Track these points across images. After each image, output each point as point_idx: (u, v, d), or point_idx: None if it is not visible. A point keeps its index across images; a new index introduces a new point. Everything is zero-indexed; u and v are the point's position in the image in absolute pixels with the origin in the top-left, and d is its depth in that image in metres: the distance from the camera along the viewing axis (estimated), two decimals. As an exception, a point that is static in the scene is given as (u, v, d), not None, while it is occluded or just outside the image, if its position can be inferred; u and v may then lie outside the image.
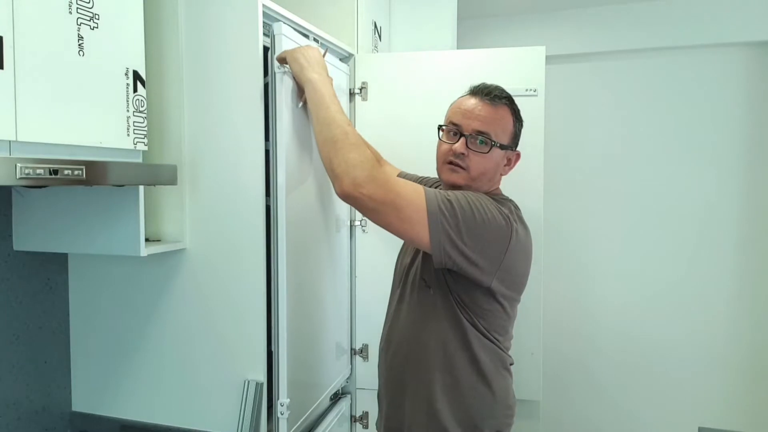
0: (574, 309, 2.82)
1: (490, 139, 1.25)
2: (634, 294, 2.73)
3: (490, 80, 1.69)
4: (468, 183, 1.27)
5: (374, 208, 1.11)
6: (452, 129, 1.29)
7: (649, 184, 2.70)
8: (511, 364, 1.35)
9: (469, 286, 1.22)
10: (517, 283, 1.28)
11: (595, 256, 2.78)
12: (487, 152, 1.25)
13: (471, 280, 1.20)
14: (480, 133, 1.25)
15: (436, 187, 1.45)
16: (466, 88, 1.40)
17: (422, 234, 1.13)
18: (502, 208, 1.22)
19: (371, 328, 1.84)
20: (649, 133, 2.70)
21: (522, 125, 1.35)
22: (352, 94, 1.80)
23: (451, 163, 1.27)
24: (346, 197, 1.13)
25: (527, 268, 1.30)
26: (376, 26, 2.03)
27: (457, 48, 2.22)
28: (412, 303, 1.33)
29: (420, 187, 1.16)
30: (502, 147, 1.28)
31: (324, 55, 1.43)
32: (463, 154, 1.25)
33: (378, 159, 1.65)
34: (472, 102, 1.29)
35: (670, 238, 2.69)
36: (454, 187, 1.28)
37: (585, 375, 2.80)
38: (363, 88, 1.80)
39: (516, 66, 1.71)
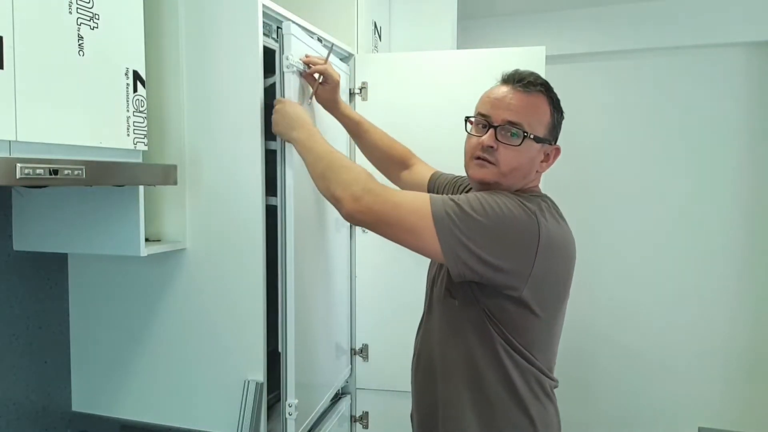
0: (573, 309, 2.80)
1: (523, 131, 1.10)
2: (634, 294, 2.73)
3: (489, 80, 1.69)
4: (498, 179, 1.13)
5: (377, 220, 1.07)
6: (481, 121, 1.15)
7: (649, 184, 2.70)
8: (554, 388, 1.19)
9: (498, 295, 1.07)
10: (557, 290, 1.11)
11: (595, 256, 2.78)
12: (519, 145, 1.10)
13: (499, 288, 1.06)
14: (511, 123, 1.11)
15: (467, 188, 1.35)
16: (465, 88, 1.38)
17: (432, 244, 1.03)
18: (528, 204, 1.06)
19: (371, 328, 1.84)
20: (650, 132, 2.69)
21: (563, 116, 1.19)
22: (352, 94, 1.80)
23: (479, 158, 1.14)
24: (351, 216, 1.09)
25: (568, 272, 1.12)
26: (376, 26, 2.03)
27: (457, 48, 2.23)
28: (439, 316, 1.20)
29: (425, 195, 1.07)
30: (537, 139, 1.12)
31: (328, 56, 1.42)
32: (491, 147, 1.11)
33: (405, 159, 1.55)
34: (503, 90, 1.14)
35: (670, 238, 2.69)
36: (482, 184, 1.15)
37: (585, 375, 2.80)
38: (363, 88, 1.80)
39: (516, 66, 1.70)
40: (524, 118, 1.11)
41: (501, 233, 1.03)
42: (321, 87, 1.41)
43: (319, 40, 1.56)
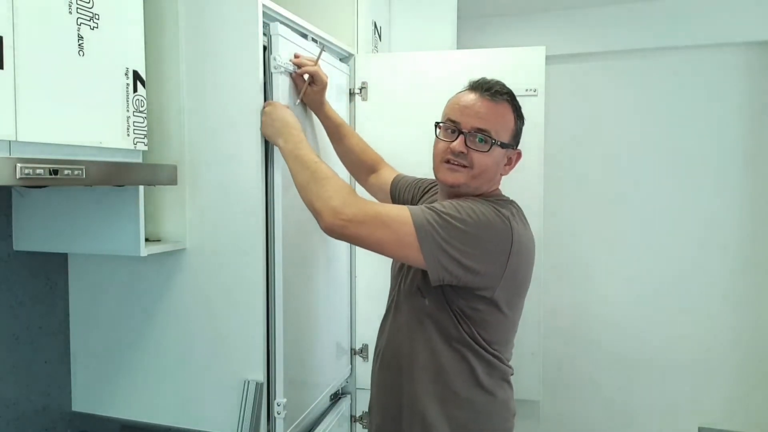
0: (574, 309, 2.82)
1: (490, 137, 1.17)
2: (634, 294, 2.73)
3: None
4: (468, 182, 1.19)
5: (359, 232, 1.09)
6: (450, 126, 1.21)
7: (649, 184, 2.70)
8: (511, 375, 1.28)
9: (471, 296, 1.15)
10: (521, 289, 1.22)
11: (595, 256, 2.78)
12: (488, 151, 1.18)
13: (473, 290, 1.14)
14: (479, 130, 1.18)
15: (431, 189, 1.44)
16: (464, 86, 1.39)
17: (414, 251, 1.07)
18: (502, 210, 1.15)
19: (371, 328, 1.83)
20: (649, 132, 2.70)
21: (523, 122, 1.27)
22: (352, 94, 1.80)
23: (449, 161, 1.20)
24: (331, 230, 1.10)
25: (529, 273, 1.23)
26: (376, 26, 2.03)
27: (457, 48, 2.22)
28: (407, 314, 1.26)
29: (403, 207, 1.12)
30: (502, 145, 1.20)
31: (319, 57, 1.43)
32: (462, 152, 1.18)
33: (375, 164, 1.61)
34: (472, 97, 1.21)
35: (670, 238, 2.69)
36: (453, 186, 1.21)
37: (585, 375, 2.80)
38: (363, 88, 1.80)
39: (516, 66, 1.71)
40: (492, 126, 1.18)
41: (479, 238, 1.10)
42: (309, 88, 1.42)
43: (314, 40, 1.56)
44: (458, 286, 1.13)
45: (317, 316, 1.59)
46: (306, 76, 1.40)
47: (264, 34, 1.30)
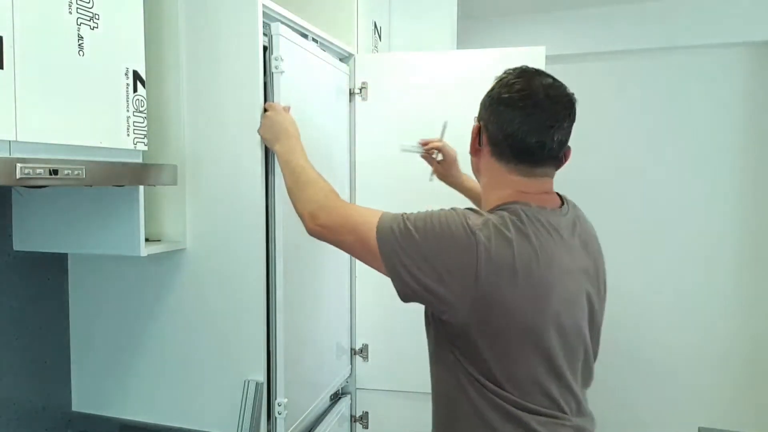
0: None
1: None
2: (635, 294, 2.73)
3: (489, 80, 1.68)
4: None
5: (333, 238, 1.08)
6: None
7: (649, 184, 2.70)
8: (547, 424, 0.98)
9: (449, 325, 1.00)
10: (515, 316, 0.94)
11: (595, 256, 2.78)
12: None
13: (439, 314, 1.00)
14: None
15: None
16: (465, 88, 1.38)
17: (378, 261, 0.99)
18: (473, 219, 0.96)
19: (371, 328, 1.84)
20: (649, 132, 2.70)
21: (498, 88, 1.05)
22: (351, 94, 1.80)
23: None
24: (311, 234, 1.11)
25: (527, 295, 0.94)
26: (376, 26, 2.03)
27: (457, 48, 2.22)
28: (428, 343, 1.12)
29: (377, 212, 1.02)
30: (475, 119, 1.09)
31: (443, 133, 1.45)
32: None
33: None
34: None
35: (670, 238, 2.69)
36: None
37: (585, 375, 2.80)
38: (363, 88, 1.80)
39: (516, 66, 1.70)
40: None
41: (438, 252, 0.94)
42: (439, 164, 1.45)
43: (314, 40, 1.56)
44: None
45: (317, 316, 1.59)
46: (435, 153, 1.43)
47: (264, 34, 1.30)
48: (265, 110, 1.29)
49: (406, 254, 0.95)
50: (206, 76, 1.31)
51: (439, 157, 1.51)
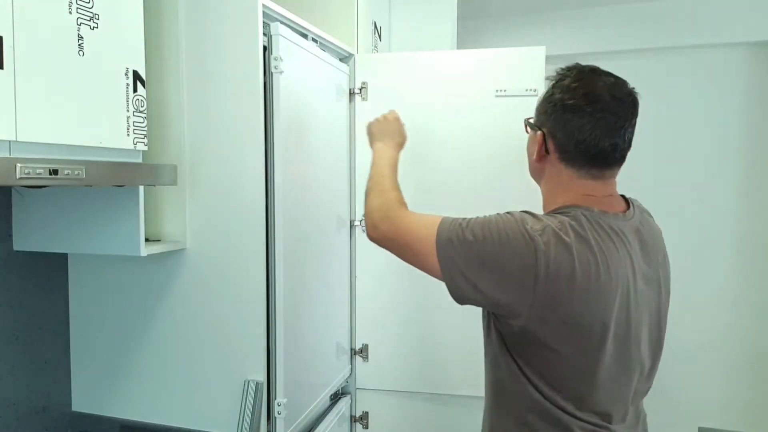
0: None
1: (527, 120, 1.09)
2: (634, 294, 2.73)
3: (489, 80, 1.69)
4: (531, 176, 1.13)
5: (391, 247, 1.10)
6: None
7: (649, 184, 2.70)
8: (593, 426, 0.98)
9: (504, 324, 1.00)
10: (578, 324, 0.93)
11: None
12: (527, 132, 1.10)
13: (501, 318, 1.00)
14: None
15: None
16: (465, 88, 1.39)
17: (435, 268, 0.99)
18: (531, 223, 0.94)
19: (371, 328, 1.84)
20: (649, 132, 2.69)
21: (560, 93, 1.01)
22: (351, 94, 1.80)
23: None
24: (371, 240, 1.14)
25: (585, 301, 0.93)
26: (376, 26, 2.03)
27: (457, 48, 2.22)
28: (485, 345, 1.12)
29: (437, 219, 1.02)
30: (529, 124, 1.08)
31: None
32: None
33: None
34: None
35: (670, 238, 2.68)
36: None
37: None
38: (363, 88, 1.80)
39: (516, 66, 1.71)
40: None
41: (493, 263, 0.94)
42: None
43: (314, 40, 1.56)
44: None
45: (317, 316, 1.59)
46: None
47: (264, 34, 1.30)
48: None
49: (464, 262, 0.96)
50: (206, 76, 1.31)
51: None
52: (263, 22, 1.28)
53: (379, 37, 2.07)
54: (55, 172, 0.88)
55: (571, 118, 0.98)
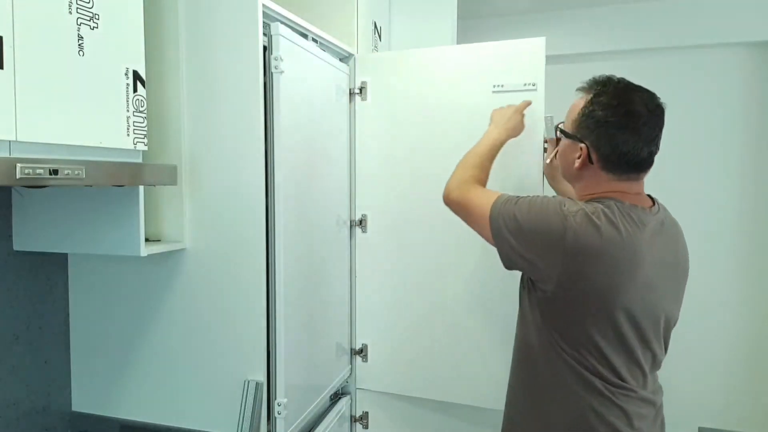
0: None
1: (560, 126, 1.25)
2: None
3: (487, 75, 1.66)
4: (563, 176, 1.30)
5: (457, 212, 1.31)
6: None
7: (649, 184, 2.70)
8: (618, 393, 1.12)
9: (538, 289, 1.16)
10: (596, 294, 1.08)
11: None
12: (557, 138, 1.28)
13: (536, 283, 1.16)
14: (562, 122, 1.26)
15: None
16: (465, 83, 1.40)
17: (490, 238, 1.19)
18: (568, 205, 1.10)
19: (371, 328, 1.84)
20: (649, 133, 2.70)
21: (601, 110, 1.13)
22: (351, 94, 1.80)
23: None
24: (444, 203, 1.35)
25: (612, 279, 1.07)
26: (376, 26, 2.03)
27: (457, 48, 2.22)
28: (520, 306, 1.28)
29: (494, 196, 1.21)
30: (564, 134, 1.21)
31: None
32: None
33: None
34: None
35: (670, 238, 2.69)
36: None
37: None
38: (363, 88, 1.80)
39: (514, 60, 1.64)
40: (566, 116, 1.23)
41: (534, 232, 1.12)
42: (554, 157, 1.47)
43: (314, 40, 1.56)
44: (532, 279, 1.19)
45: (318, 316, 1.59)
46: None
47: (264, 34, 1.30)
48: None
49: (509, 231, 1.14)
50: (206, 76, 1.31)
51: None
52: (263, 22, 1.28)
53: (379, 37, 2.07)
54: (55, 172, 0.88)
55: (615, 134, 1.12)
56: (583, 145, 1.16)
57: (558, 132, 1.26)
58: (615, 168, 1.14)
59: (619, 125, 1.11)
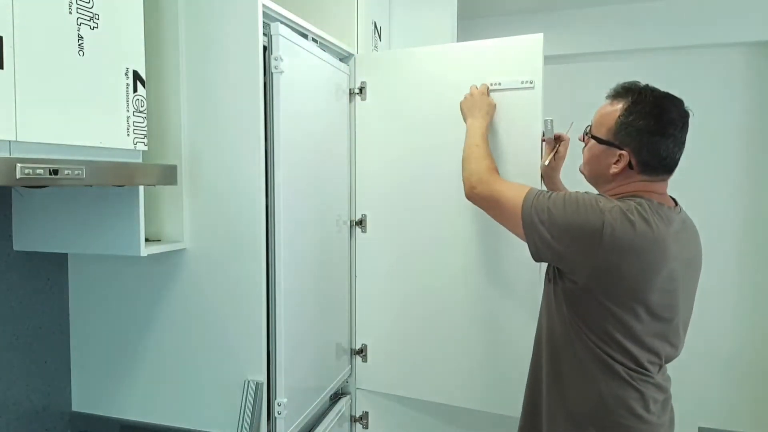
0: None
1: (589, 131, 1.28)
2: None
3: (486, 73, 1.64)
4: (583, 171, 1.32)
5: (485, 206, 1.34)
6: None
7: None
8: (640, 379, 1.21)
9: (567, 280, 1.21)
10: (625, 285, 1.14)
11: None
12: (585, 142, 1.30)
13: (565, 274, 1.21)
14: (588, 126, 1.30)
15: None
16: (464, 81, 1.40)
17: (519, 230, 1.23)
18: (603, 202, 1.15)
19: (371, 328, 1.84)
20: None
21: (642, 120, 1.19)
22: (351, 94, 1.80)
23: None
24: (468, 199, 1.38)
25: (642, 272, 1.14)
26: (376, 26, 2.03)
27: (457, 48, 2.22)
28: (544, 295, 1.34)
29: (526, 187, 1.25)
30: (597, 139, 1.25)
31: (569, 129, 1.56)
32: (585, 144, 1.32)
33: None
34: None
35: (670, 238, 2.69)
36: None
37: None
38: (363, 87, 1.80)
39: (512, 57, 1.61)
40: (594, 121, 1.29)
41: (569, 227, 1.16)
42: (553, 156, 1.53)
43: (314, 40, 1.56)
44: (564, 272, 1.22)
45: (318, 316, 1.59)
46: (555, 146, 1.53)
47: (264, 34, 1.30)
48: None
49: (542, 224, 1.18)
50: (206, 76, 1.31)
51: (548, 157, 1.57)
52: (263, 22, 1.28)
53: (379, 36, 2.07)
54: (55, 172, 0.88)
55: (658, 141, 1.19)
56: (623, 152, 1.20)
57: (587, 137, 1.29)
58: (652, 172, 1.21)
59: (661, 132, 1.18)
